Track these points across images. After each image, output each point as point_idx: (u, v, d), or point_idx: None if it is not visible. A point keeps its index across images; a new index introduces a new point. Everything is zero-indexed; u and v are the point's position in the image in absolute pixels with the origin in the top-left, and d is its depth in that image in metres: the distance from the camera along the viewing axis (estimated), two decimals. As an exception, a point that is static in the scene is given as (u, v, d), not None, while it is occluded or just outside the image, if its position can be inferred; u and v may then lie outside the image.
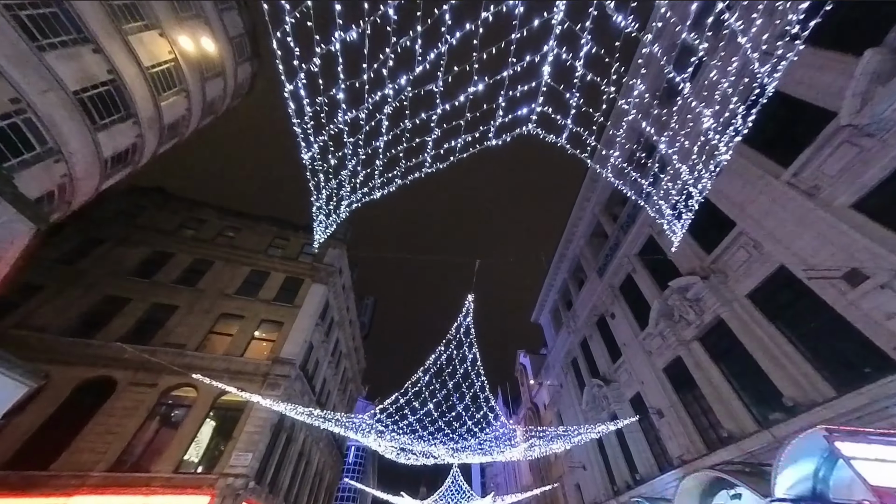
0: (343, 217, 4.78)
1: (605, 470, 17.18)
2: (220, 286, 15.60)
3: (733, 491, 7.54)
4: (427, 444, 8.57)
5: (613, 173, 5.53)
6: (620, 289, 16.33)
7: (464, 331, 6.83)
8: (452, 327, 6.79)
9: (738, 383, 9.78)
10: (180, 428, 11.36)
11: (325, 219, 4.83)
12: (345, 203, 4.54)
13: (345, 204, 4.56)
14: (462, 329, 6.79)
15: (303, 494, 17.80)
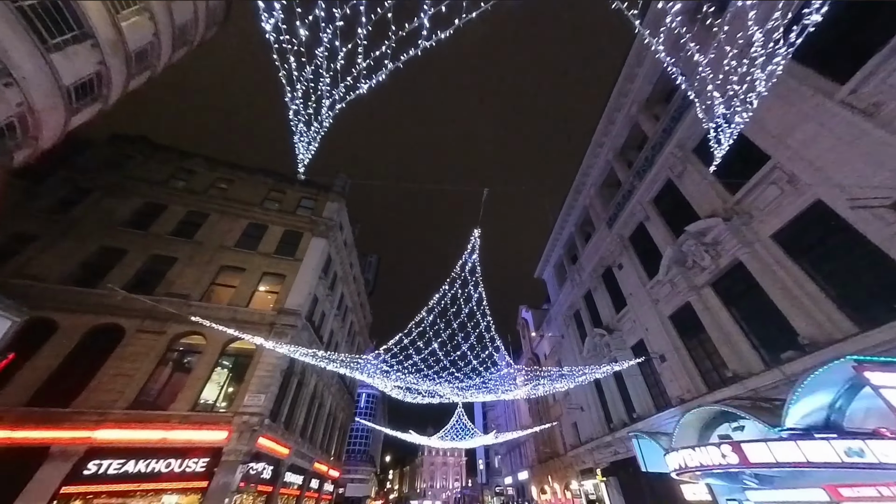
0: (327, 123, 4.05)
1: (602, 410, 18.08)
2: (217, 239, 15.24)
3: (736, 424, 7.64)
4: (433, 384, 8.72)
5: (665, 48, 4.54)
6: (630, 238, 15.79)
7: (469, 268, 6.41)
8: (458, 264, 6.36)
9: (749, 326, 9.61)
10: (192, 372, 11.71)
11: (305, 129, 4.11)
12: (327, 103, 3.78)
13: (327, 104, 3.80)
14: (468, 266, 6.37)
15: (318, 432, 19.16)
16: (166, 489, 9.71)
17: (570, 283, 22.23)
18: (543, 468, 26.67)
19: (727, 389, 9.23)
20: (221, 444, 10.63)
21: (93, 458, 9.29)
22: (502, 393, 10.16)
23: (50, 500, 8.52)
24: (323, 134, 4.19)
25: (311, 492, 18.83)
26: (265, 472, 12.61)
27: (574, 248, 22.85)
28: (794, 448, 5.42)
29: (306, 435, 17.17)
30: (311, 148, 4.40)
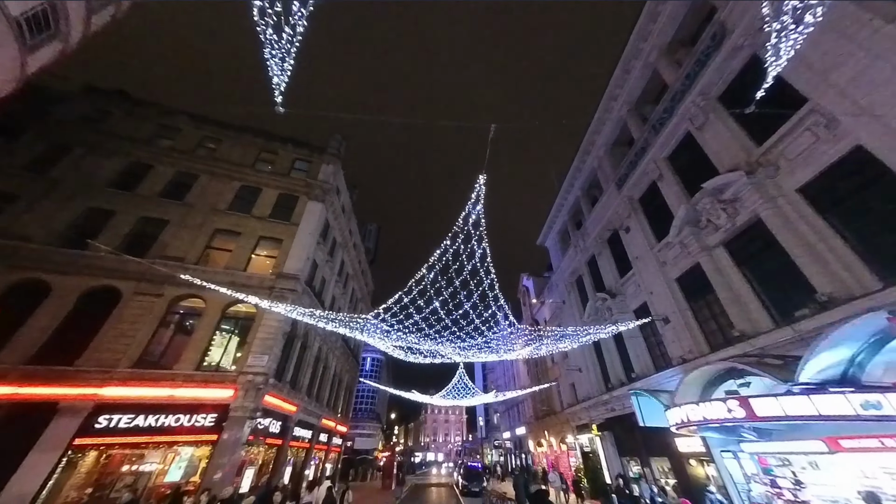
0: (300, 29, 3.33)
1: (600, 371, 18.50)
2: (209, 201, 14.65)
3: (742, 380, 7.56)
4: (434, 343, 8.63)
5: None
6: (640, 200, 15.12)
7: (473, 221, 5.91)
8: (460, 216, 5.86)
9: (760, 285, 9.30)
10: (194, 334, 11.72)
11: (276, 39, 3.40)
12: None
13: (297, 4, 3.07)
14: (472, 218, 5.86)
15: (324, 391, 19.87)
16: (178, 441, 10.05)
17: (573, 250, 21.83)
18: (540, 424, 28.10)
19: (732, 348, 9.13)
20: (228, 401, 10.87)
21: (102, 413, 9.51)
22: (504, 353, 10.17)
23: (64, 451, 8.82)
24: (297, 46, 3.49)
25: (321, 445, 19.92)
26: (273, 427, 13.13)
27: (579, 213, 22.17)
28: (805, 402, 5.27)
29: (312, 394, 17.77)
30: (286, 67, 3.71)
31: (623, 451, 16.30)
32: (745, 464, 9.12)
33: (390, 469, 24.58)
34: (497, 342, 8.77)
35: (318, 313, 8.44)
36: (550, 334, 9.06)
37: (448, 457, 71.91)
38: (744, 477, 9.00)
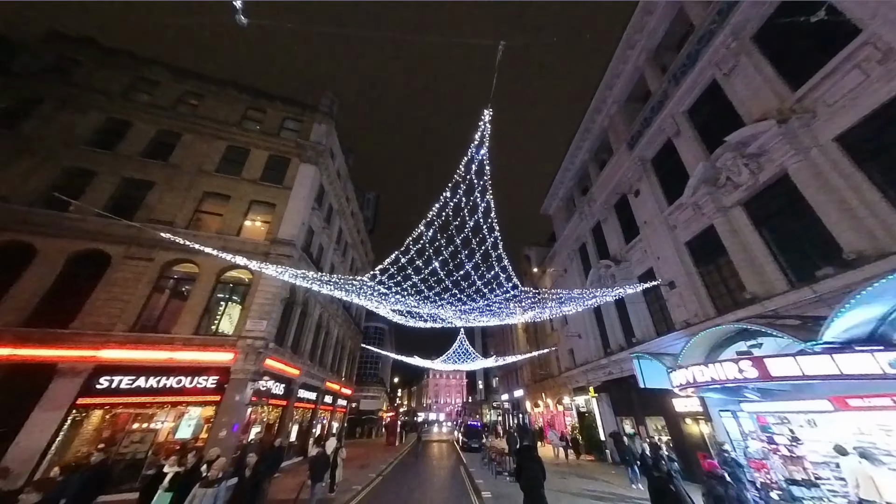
0: None
1: (599, 337, 18.63)
2: (196, 162, 13.82)
3: (753, 342, 7.33)
4: (434, 307, 8.36)
5: None
6: (653, 161, 14.25)
7: (476, 168, 5.28)
8: (462, 162, 5.22)
9: (778, 246, 8.81)
10: (189, 300, 11.50)
11: None
12: None
13: None
14: (474, 165, 5.23)
15: (327, 357, 20.24)
16: (182, 402, 10.17)
17: (578, 217, 21.15)
18: (538, 387, 29.12)
19: (741, 311, 8.84)
20: (229, 364, 10.88)
21: (103, 375, 9.52)
22: (506, 316, 9.96)
23: (69, 410, 8.92)
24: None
25: (326, 406, 20.67)
26: (277, 389, 13.37)
27: (586, 179, 21.22)
28: (826, 361, 5.00)
29: (315, 359, 18.06)
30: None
31: (618, 410, 16.82)
32: (743, 422, 9.20)
33: (393, 427, 25.84)
34: (499, 305, 8.48)
35: (310, 275, 8.07)
36: (554, 297, 8.74)
37: (449, 417, 76.22)
38: (741, 434, 9.11)
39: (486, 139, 4.84)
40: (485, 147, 4.97)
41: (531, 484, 5.10)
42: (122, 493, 8.26)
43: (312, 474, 7.46)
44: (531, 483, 5.10)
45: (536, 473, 5.24)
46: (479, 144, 4.95)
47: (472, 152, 5.05)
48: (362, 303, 9.84)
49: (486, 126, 4.71)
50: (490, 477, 11.68)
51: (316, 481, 7.41)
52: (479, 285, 7.30)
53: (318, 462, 7.71)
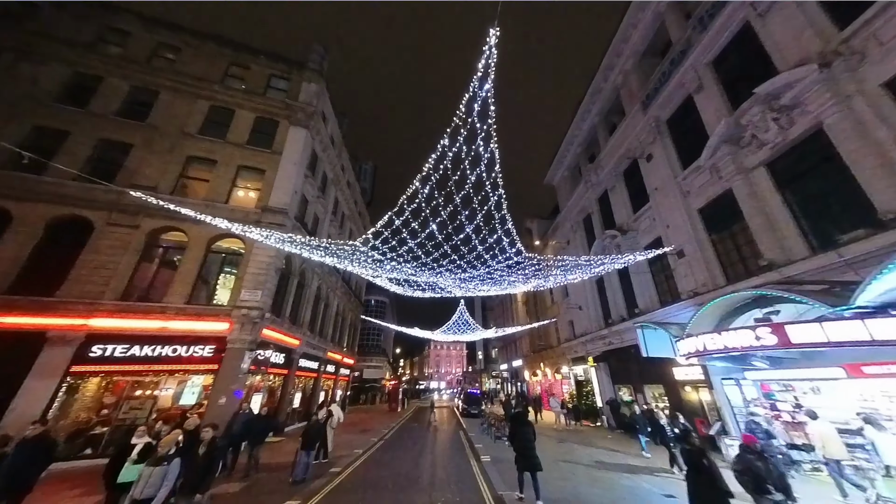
0: None
1: (601, 308, 18.50)
2: (176, 123, 12.86)
3: (769, 309, 6.95)
4: (432, 274, 7.94)
5: None
6: (668, 122, 13.22)
7: (479, 109, 4.57)
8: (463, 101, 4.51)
9: (801, 209, 8.21)
10: (180, 269, 11.12)
11: None
12: None
13: None
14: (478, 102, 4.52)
15: (327, 328, 20.30)
16: (179, 370, 10.09)
17: (583, 186, 20.28)
18: (537, 357, 29.68)
19: (757, 279, 8.41)
20: (225, 333, 10.69)
21: (95, 343, 9.35)
22: (508, 285, 9.57)
23: (62, 378, 8.83)
24: None
25: (328, 374, 21.06)
26: (277, 358, 13.35)
27: (593, 146, 20.11)
28: (857, 327, 4.62)
29: (315, 329, 18.06)
30: None
31: (616, 379, 17.05)
32: (746, 390, 9.12)
33: (395, 394, 26.63)
34: (501, 273, 8.04)
35: (298, 238, 7.56)
36: (560, 265, 8.29)
37: (450, 385, 79.31)
38: (743, 402, 9.06)
39: (491, 69, 4.10)
40: (490, 79, 4.24)
41: (524, 445, 5.71)
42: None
43: (304, 442, 7.35)
44: (524, 445, 5.71)
45: (529, 437, 5.88)
46: (482, 77, 4.22)
47: (475, 87, 4.32)
48: (357, 270, 9.43)
49: (493, 52, 3.95)
50: (489, 442, 11.91)
51: (306, 449, 7.31)
52: (480, 250, 6.80)
53: (310, 430, 7.61)
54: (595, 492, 6.55)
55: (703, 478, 4.03)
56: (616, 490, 6.68)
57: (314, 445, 7.54)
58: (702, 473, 4.05)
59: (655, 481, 7.34)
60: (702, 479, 4.03)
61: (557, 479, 7.42)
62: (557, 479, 7.34)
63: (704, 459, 4.10)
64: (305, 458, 7.20)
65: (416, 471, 8.31)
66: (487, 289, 10.20)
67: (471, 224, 6.22)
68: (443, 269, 7.46)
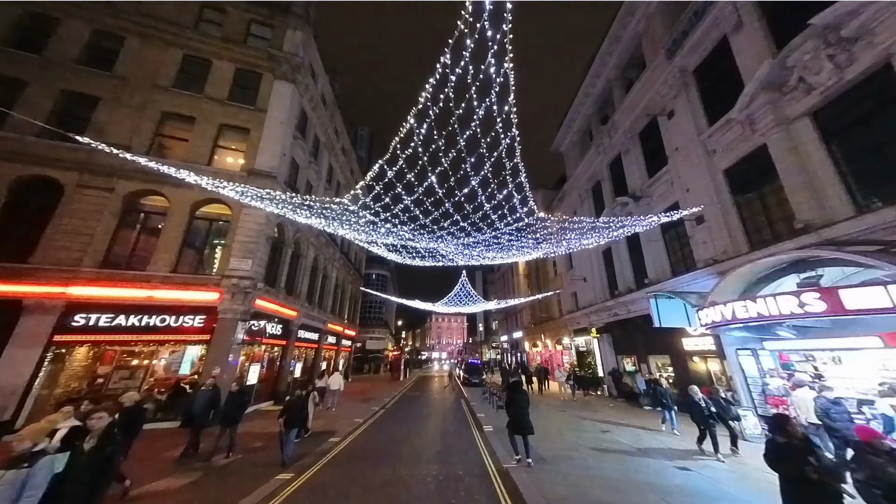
0: None
1: (606, 279, 17.95)
2: (147, 74, 11.57)
3: (808, 274, 6.25)
4: (432, 238, 7.20)
5: None
6: (695, 72, 11.81)
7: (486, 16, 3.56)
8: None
9: (850, 164, 7.26)
10: (162, 236, 10.41)
11: None
12: None
13: None
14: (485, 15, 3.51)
15: (326, 300, 19.96)
16: (169, 340, 9.70)
17: (594, 151, 18.98)
18: (537, 329, 29.74)
19: (788, 243, 7.63)
20: (215, 303, 10.19)
21: (77, 312, 8.88)
22: (517, 251, 8.83)
23: (46, 347, 8.46)
24: None
25: (330, 345, 21.06)
26: (274, 329, 13.02)
27: (607, 105, 18.55)
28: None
29: (314, 301, 17.69)
30: None
31: (620, 349, 16.87)
32: (763, 360, 8.69)
33: (397, 364, 26.97)
34: (509, 237, 7.28)
35: (277, 195, 6.75)
36: (577, 226, 7.49)
37: (451, 356, 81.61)
38: (759, 372, 8.65)
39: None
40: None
41: (519, 412, 6.15)
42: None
43: (287, 419, 6.31)
44: (519, 411, 6.16)
45: (523, 404, 6.32)
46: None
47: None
48: (350, 235, 8.68)
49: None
50: (491, 411, 11.79)
51: (290, 427, 6.32)
52: (487, 209, 5.97)
53: (293, 406, 6.58)
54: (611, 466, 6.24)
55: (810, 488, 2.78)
56: (627, 462, 6.36)
57: (297, 422, 6.63)
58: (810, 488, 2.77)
59: (670, 454, 7.05)
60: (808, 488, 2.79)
61: (561, 448, 7.14)
62: (562, 449, 7.06)
63: (809, 463, 2.78)
64: (288, 437, 6.35)
65: (417, 441, 8.07)
66: (493, 256, 9.48)
67: (476, 175, 5.34)
68: (444, 232, 6.70)
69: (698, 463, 6.30)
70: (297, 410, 6.52)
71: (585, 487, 4.93)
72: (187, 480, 5.48)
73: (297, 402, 6.66)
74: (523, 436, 6.01)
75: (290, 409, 6.44)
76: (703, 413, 6.79)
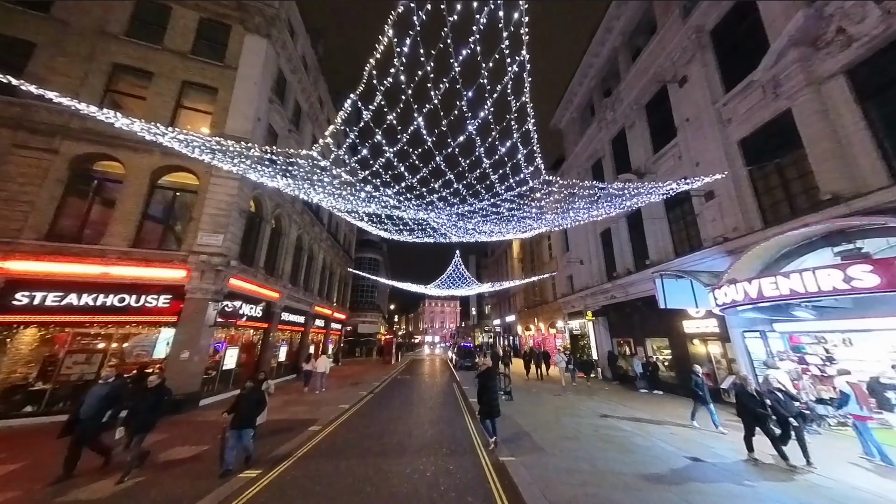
0: None
1: (604, 262, 17.39)
2: (93, 19, 10.01)
3: (843, 247, 5.58)
4: (420, 208, 6.27)
5: None
6: (712, 32, 10.79)
7: None
8: None
9: (888, 128, 6.51)
10: (119, 206, 9.24)
11: None
12: None
13: None
14: None
15: (313, 282, 19.00)
16: (130, 322, 8.74)
17: (596, 126, 17.96)
18: (531, 312, 29.46)
19: (814, 216, 6.96)
20: (182, 282, 9.21)
21: (18, 290, 7.83)
22: (517, 223, 7.93)
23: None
24: None
25: (318, 328, 20.29)
26: (254, 312, 12.13)
27: (611, 78, 17.42)
28: None
29: (299, 282, 16.75)
30: None
31: (616, 333, 16.52)
32: (772, 343, 8.22)
33: (389, 348, 26.49)
34: (509, 205, 6.41)
35: (230, 144, 5.71)
36: (588, 192, 6.64)
37: (444, 339, 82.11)
38: (767, 355, 8.20)
39: None
40: None
41: (491, 398, 6.15)
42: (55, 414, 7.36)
43: (237, 415, 4.97)
44: (491, 397, 6.16)
45: (496, 391, 6.40)
46: None
47: None
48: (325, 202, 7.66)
49: None
50: (484, 394, 11.24)
51: (241, 425, 4.94)
52: (486, 166, 5.05)
53: (244, 401, 5.11)
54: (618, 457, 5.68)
55: None
56: (636, 452, 5.81)
57: (252, 421, 5.15)
58: None
59: (673, 440, 6.55)
60: None
61: (564, 437, 6.59)
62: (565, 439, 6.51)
63: None
64: (238, 441, 4.91)
65: (406, 429, 7.45)
66: (489, 230, 8.62)
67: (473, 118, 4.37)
68: (435, 195, 5.78)
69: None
70: (250, 406, 5.09)
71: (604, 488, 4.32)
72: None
73: (251, 395, 5.19)
74: (492, 418, 6.11)
75: (241, 403, 5.06)
76: (757, 408, 5.27)
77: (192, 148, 6.26)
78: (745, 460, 5.36)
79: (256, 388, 5.46)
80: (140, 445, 4.84)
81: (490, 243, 46.53)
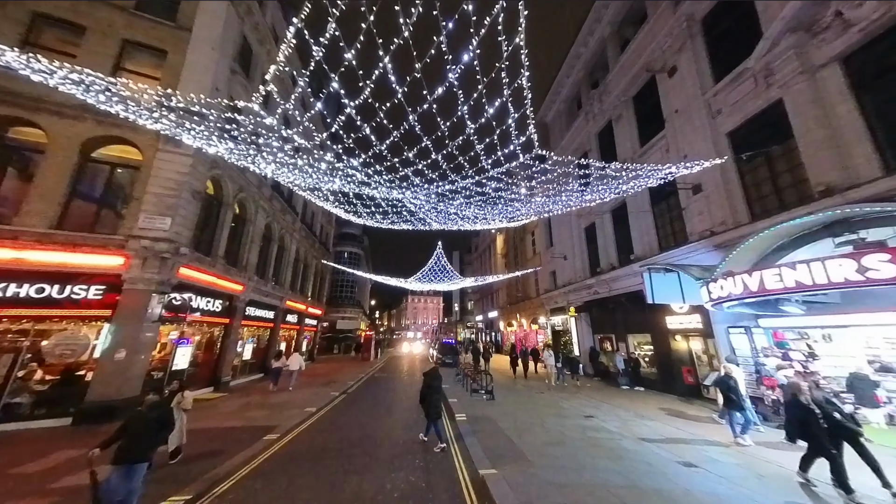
0: None
1: (587, 257, 17.17)
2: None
3: (845, 238, 5.27)
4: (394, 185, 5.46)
5: None
6: (704, 20, 10.53)
7: None
8: None
9: (883, 117, 6.32)
10: (38, 180, 7.83)
11: None
12: None
13: None
14: None
15: (284, 274, 17.71)
16: (51, 316, 7.42)
17: (583, 119, 17.64)
18: (513, 308, 29.23)
19: (802, 208, 6.73)
20: (118, 270, 7.97)
21: None
22: (504, 206, 7.20)
23: None
24: None
25: (289, 325, 19.02)
26: (211, 306, 10.92)
27: (599, 69, 17.07)
28: None
29: (267, 275, 15.48)
30: None
31: (597, 329, 16.37)
32: (756, 338, 8.05)
33: (368, 344, 25.51)
34: (497, 183, 5.71)
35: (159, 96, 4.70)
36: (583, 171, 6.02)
37: (426, 335, 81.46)
38: (751, 351, 8.02)
39: None
40: None
41: (435, 405, 6.09)
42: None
43: (126, 445, 3.38)
44: (436, 404, 6.10)
45: (439, 393, 6.45)
46: None
47: None
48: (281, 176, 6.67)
49: None
50: (465, 395, 10.64)
51: (130, 460, 3.35)
52: (470, 131, 4.31)
53: (142, 421, 3.60)
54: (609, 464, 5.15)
55: None
56: (626, 461, 5.33)
57: (147, 452, 3.63)
58: None
59: (670, 448, 6.15)
60: None
61: (549, 443, 6.04)
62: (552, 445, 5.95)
63: None
64: (125, 481, 3.26)
65: (377, 436, 6.69)
66: (473, 215, 7.90)
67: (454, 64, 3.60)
68: (409, 170, 4.97)
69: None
70: (148, 430, 3.59)
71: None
72: None
73: (149, 414, 3.69)
74: (436, 420, 5.99)
75: (132, 427, 3.50)
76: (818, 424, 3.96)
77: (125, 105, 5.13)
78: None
79: (159, 405, 4.01)
80: None
81: (474, 239, 46.10)
